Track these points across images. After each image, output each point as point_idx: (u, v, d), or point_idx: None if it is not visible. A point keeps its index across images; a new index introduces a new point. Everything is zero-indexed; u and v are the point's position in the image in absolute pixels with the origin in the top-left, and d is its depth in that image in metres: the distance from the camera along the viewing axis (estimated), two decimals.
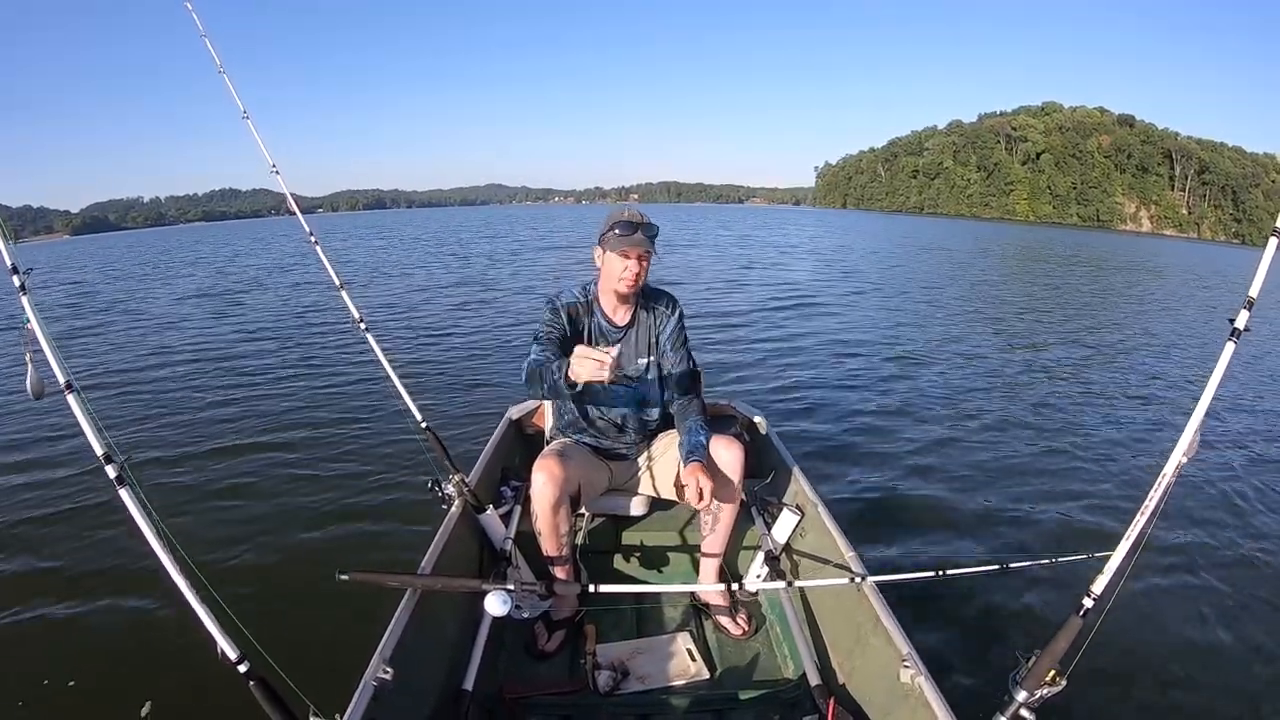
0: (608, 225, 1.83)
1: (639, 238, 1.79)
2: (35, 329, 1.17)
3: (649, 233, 1.82)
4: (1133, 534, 1.19)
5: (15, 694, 2.15)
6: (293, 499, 3.45)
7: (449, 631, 1.71)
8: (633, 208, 1.85)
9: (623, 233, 1.79)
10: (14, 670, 2.26)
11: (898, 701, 1.37)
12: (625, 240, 1.78)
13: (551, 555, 1.83)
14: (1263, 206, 72.41)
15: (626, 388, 1.96)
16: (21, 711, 2.09)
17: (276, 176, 2.21)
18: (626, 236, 1.79)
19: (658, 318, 1.97)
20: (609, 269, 1.85)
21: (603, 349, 1.49)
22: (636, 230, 1.79)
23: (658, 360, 1.98)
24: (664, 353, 1.98)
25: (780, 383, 5.71)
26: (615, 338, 1.93)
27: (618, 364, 1.51)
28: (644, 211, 1.87)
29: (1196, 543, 3.17)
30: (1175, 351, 7.85)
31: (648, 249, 1.81)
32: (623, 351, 1.89)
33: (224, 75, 2.08)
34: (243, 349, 7.21)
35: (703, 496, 1.69)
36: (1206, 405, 1.14)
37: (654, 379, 1.98)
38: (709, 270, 14.60)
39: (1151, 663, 2.34)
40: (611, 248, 1.81)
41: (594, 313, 1.92)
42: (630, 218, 1.82)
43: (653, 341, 1.97)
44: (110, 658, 2.28)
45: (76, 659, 2.29)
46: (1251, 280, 1.13)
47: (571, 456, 1.85)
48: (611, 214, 1.86)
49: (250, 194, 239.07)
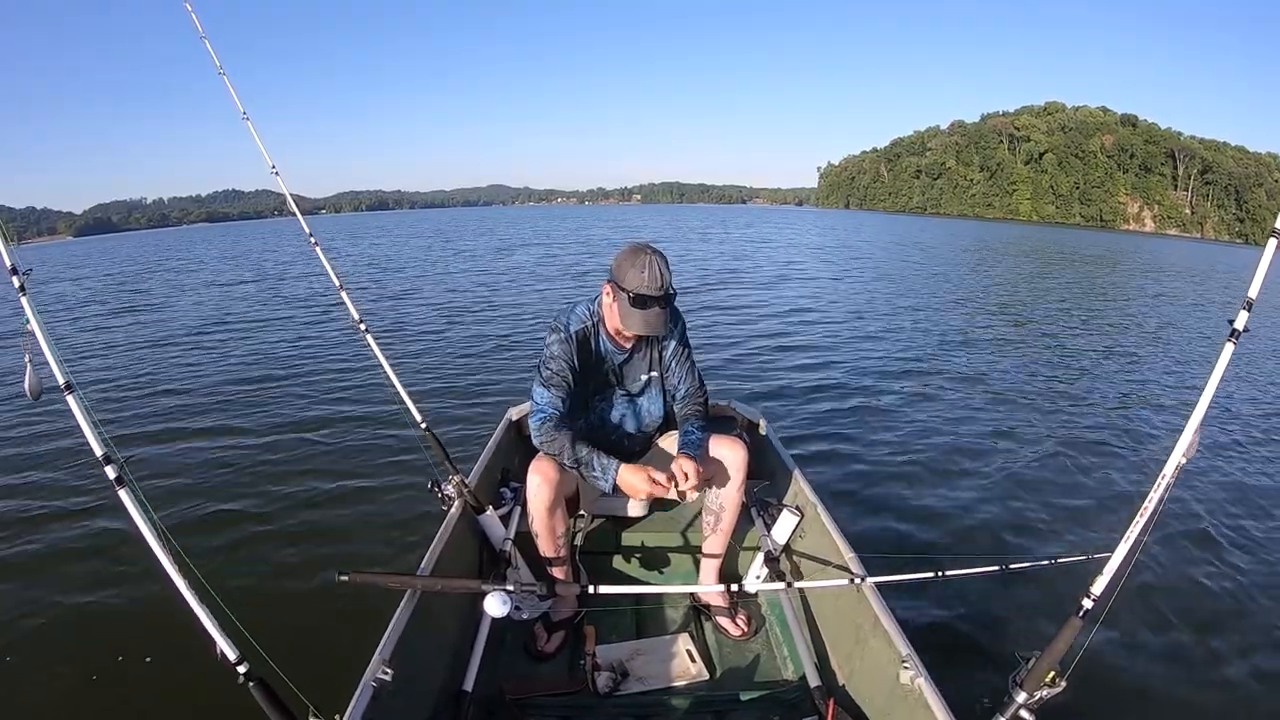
0: (622, 277, 1.68)
1: (655, 320, 1.68)
2: (35, 329, 1.18)
3: (667, 304, 1.70)
4: (1132, 534, 1.19)
5: (15, 694, 2.15)
6: (292, 500, 3.45)
7: (449, 632, 1.71)
8: (653, 258, 1.67)
9: (636, 303, 1.66)
10: (14, 670, 2.26)
11: (897, 702, 1.37)
12: (635, 314, 1.67)
13: (549, 556, 1.83)
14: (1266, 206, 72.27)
15: (629, 402, 1.95)
16: (21, 712, 2.10)
17: (277, 177, 2.22)
18: (640, 309, 1.67)
19: (661, 335, 1.90)
20: (615, 316, 1.76)
21: (668, 475, 1.65)
22: (653, 305, 1.67)
23: (660, 375, 1.94)
24: (668, 368, 1.94)
25: (780, 383, 5.71)
26: (620, 359, 1.89)
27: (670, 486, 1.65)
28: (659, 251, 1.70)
29: (1196, 543, 3.16)
30: (1176, 351, 7.84)
31: (657, 332, 1.72)
32: (625, 373, 1.91)
33: (224, 76, 2.08)
34: (243, 350, 7.22)
35: (687, 478, 1.66)
36: (1206, 406, 1.14)
37: (656, 393, 1.96)
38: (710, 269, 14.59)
39: (1151, 663, 2.34)
40: (619, 305, 1.71)
41: (599, 333, 1.85)
42: (649, 286, 1.65)
43: (655, 357, 1.92)
44: (110, 658, 2.28)
45: (76, 659, 2.29)
46: (1251, 281, 1.13)
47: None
48: (630, 255, 1.69)
49: (253, 195, 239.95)
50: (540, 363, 1.80)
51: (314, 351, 6.96)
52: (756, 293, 11.35)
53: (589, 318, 1.83)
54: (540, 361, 1.80)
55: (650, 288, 1.65)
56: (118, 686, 2.17)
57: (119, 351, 7.42)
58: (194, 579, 1.16)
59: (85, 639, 2.42)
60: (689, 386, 1.94)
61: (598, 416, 1.93)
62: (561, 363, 1.77)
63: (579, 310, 1.84)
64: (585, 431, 1.86)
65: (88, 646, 2.37)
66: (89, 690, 2.16)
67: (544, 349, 1.81)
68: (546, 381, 1.76)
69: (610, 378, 1.90)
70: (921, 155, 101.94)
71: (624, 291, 1.68)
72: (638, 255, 1.68)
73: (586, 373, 1.84)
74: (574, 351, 1.79)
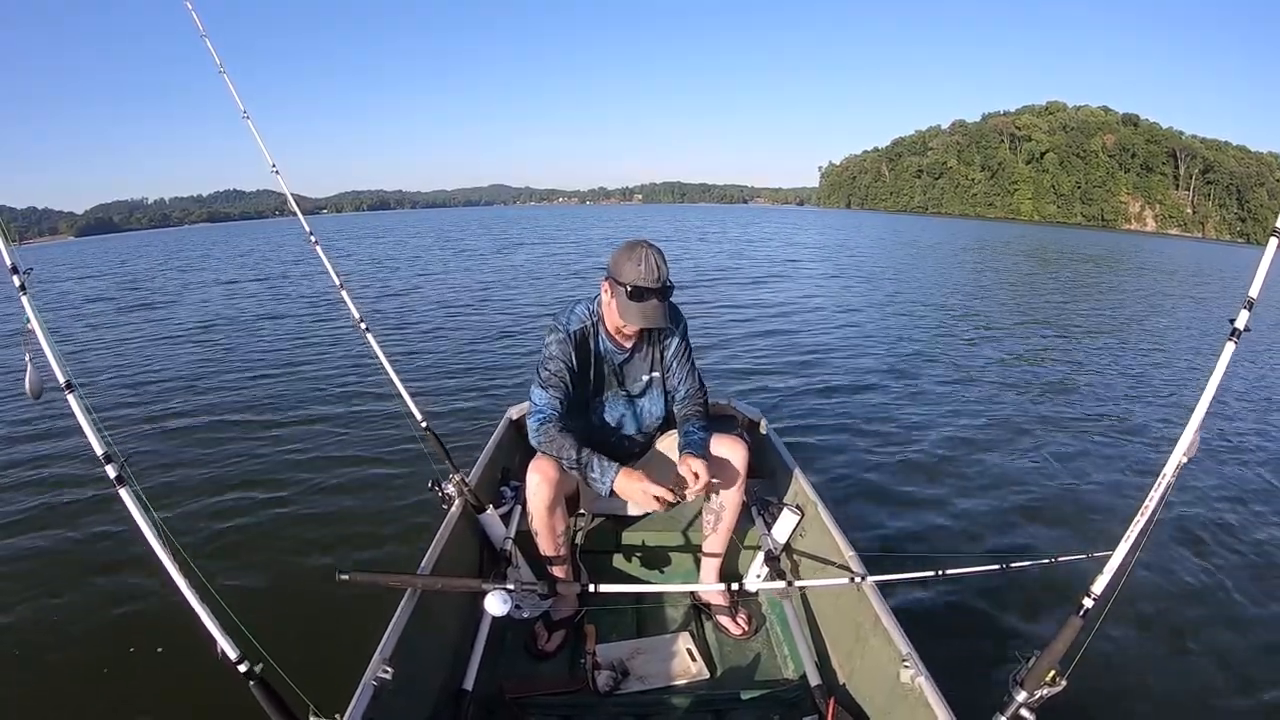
0: (620, 272, 1.69)
1: (652, 313, 1.68)
2: (35, 329, 1.18)
3: (665, 297, 1.70)
4: (1133, 534, 1.19)
5: (15, 694, 2.16)
6: (293, 499, 3.45)
7: (449, 631, 1.71)
8: (649, 251, 1.68)
9: (634, 296, 1.66)
10: (14, 670, 2.27)
11: (898, 701, 1.37)
12: (634, 307, 1.68)
13: (549, 555, 1.83)
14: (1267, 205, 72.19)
15: (629, 403, 1.94)
16: (22, 712, 2.10)
17: (277, 177, 2.21)
18: (638, 302, 1.67)
19: (663, 334, 1.90)
20: (614, 313, 1.75)
21: (665, 488, 1.63)
22: (650, 297, 1.67)
23: (661, 376, 1.94)
24: (669, 368, 1.93)
25: (780, 383, 5.71)
26: (621, 359, 1.88)
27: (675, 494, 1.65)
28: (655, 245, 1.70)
29: (1197, 542, 3.16)
30: (1176, 351, 7.83)
31: (657, 324, 1.71)
32: (626, 373, 1.90)
33: (224, 75, 2.08)
34: (243, 349, 7.23)
35: (698, 478, 1.67)
36: (1207, 405, 1.14)
37: (658, 394, 1.96)
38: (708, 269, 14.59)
39: (1151, 662, 2.34)
40: (618, 300, 1.71)
41: (599, 333, 1.84)
42: (645, 279, 1.65)
43: (657, 357, 1.92)
44: (111, 657, 2.28)
45: (77, 658, 2.29)
46: (1251, 280, 1.13)
47: None
48: (626, 251, 1.70)
49: (254, 195, 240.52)
50: (539, 363, 1.80)
51: (315, 351, 6.96)
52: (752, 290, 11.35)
53: (588, 317, 1.83)
54: (539, 362, 1.80)
55: (647, 280, 1.66)
56: (119, 686, 2.17)
57: (119, 351, 7.42)
58: (194, 578, 1.16)
59: (86, 638, 2.41)
60: (689, 387, 1.93)
61: (598, 417, 1.93)
62: (560, 363, 1.77)
63: (578, 310, 1.84)
64: (585, 432, 1.84)
65: (88, 645, 2.37)
66: (90, 689, 2.16)
67: (543, 349, 1.81)
68: (544, 383, 1.76)
69: (610, 378, 1.90)
70: (923, 155, 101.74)
71: (621, 286, 1.68)
72: (634, 250, 1.69)
73: (586, 373, 1.83)
74: (573, 352, 1.78)
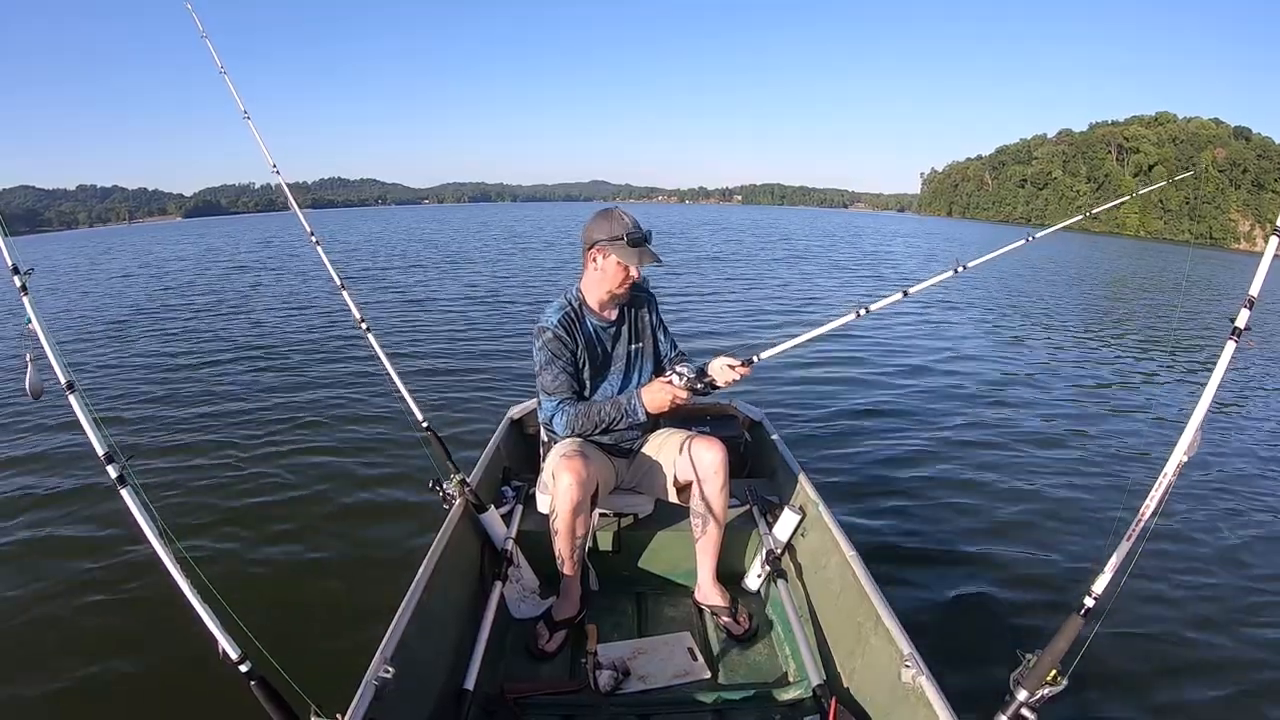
0: (606, 232, 1.81)
1: (648, 251, 1.82)
2: (36, 328, 1.18)
3: (652, 240, 1.85)
4: (1133, 534, 1.19)
5: (16, 693, 2.15)
6: (294, 499, 3.44)
7: (450, 631, 1.71)
8: (620, 207, 1.86)
9: (633, 242, 1.80)
10: (16, 669, 2.26)
11: (899, 700, 1.37)
12: (635, 251, 1.80)
13: (563, 555, 1.84)
14: None
15: (623, 374, 2.00)
16: (23, 712, 2.10)
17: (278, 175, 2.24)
18: (637, 247, 1.80)
19: (639, 304, 2.04)
20: (608, 273, 1.85)
21: (669, 378, 1.79)
22: (645, 241, 1.81)
23: (645, 346, 2.05)
24: (656, 336, 2.07)
25: (781, 383, 5.70)
26: (609, 333, 1.96)
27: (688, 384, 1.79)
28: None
29: (1197, 542, 3.15)
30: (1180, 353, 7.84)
31: (657, 260, 1.83)
32: (616, 350, 1.99)
33: (225, 75, 2.10)
34: (245, 349, 7.20)
35: (734, 369, 1.89)
36: (1207, 404, 1.14)
37: (648, 362, 2.05)
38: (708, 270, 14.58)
39: (1152, 662, 2.34)
40: (618, 254, 1.81)
41: (583, 316, 1.93)
42: (633, 226, 1.81)
43: (639, 328, 2.03)
44: (112, 657, 2.28)
45: (78, 658, 2.29)
46: (1251, 280, 1.13)
47: (591, 456, 1.85)
48: (602, 216, 1.85)
49: (358, 183, 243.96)
50: (537, 372, 1.88)
51: (317, 351, 6.94)
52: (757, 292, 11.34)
53: (567, 305, 1.91)
54: (536, 372, 1.88)
55: (632, 226, 1.81)
56: (120, 685, 2.17)
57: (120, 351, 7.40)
58: (195, 578, 1.16)
59: (87, 638, 2.41)
60: (668, 345, 2.12)
61: (599, 398, 1.97)
62: (556, 361, 1.85)
63: (553, 305, 1.93)
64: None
65: (90, 645, 2.36)
66: (90, 689, 2.16)
67: (535, 355, 1.89)
68: (546, 387, 1.85)
69: (603, 357, 1.97)
70: (1027, 164, 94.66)
71: (617, 240, 1.80)
72: (609, 213, 1.85)
73: (581, 358, 1.91)
74: (564, 343, 1.87)
